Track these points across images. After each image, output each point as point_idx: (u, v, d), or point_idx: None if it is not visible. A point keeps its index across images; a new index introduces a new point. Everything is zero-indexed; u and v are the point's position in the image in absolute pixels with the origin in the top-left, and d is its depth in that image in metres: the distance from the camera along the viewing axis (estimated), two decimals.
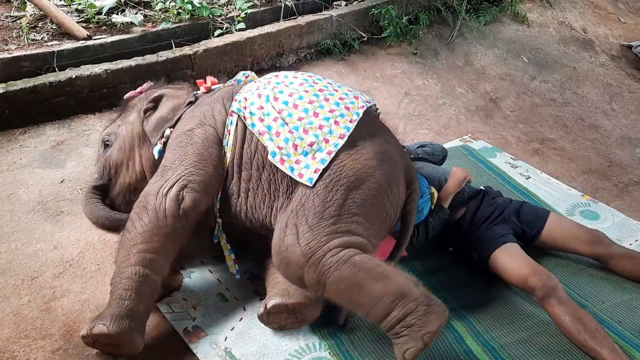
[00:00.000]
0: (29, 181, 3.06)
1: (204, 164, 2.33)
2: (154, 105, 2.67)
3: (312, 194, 2.18)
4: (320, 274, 2.05)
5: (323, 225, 2.11)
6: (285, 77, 2.49)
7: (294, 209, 2.18)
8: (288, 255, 2.10)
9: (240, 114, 2.37)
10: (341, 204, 2.16)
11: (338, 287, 2.05)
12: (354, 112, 2.35)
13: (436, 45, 5.10)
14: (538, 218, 2.79)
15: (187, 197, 2.27)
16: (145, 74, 3.77)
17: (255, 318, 2.38)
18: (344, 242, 2.09)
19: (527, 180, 3.62)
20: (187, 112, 2.55)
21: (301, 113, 2.31)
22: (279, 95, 2.36)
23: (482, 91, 4.71)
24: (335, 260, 2.03)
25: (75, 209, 2.90)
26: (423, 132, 4.05)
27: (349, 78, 4.48)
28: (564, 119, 4.49)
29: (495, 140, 4.06)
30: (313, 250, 2.06)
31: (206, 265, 2.69)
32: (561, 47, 5.50)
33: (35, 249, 2.66)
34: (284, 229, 2.15)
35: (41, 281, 2.50)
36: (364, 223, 2.19)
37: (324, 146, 2.25)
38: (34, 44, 3.88)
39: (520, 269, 2.50)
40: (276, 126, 2.30)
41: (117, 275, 2.17)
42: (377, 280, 2.01)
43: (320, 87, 2.42)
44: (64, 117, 3.55)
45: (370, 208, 2.22)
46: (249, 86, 2.49)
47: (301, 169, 2.23)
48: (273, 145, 2.28)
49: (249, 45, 4.23)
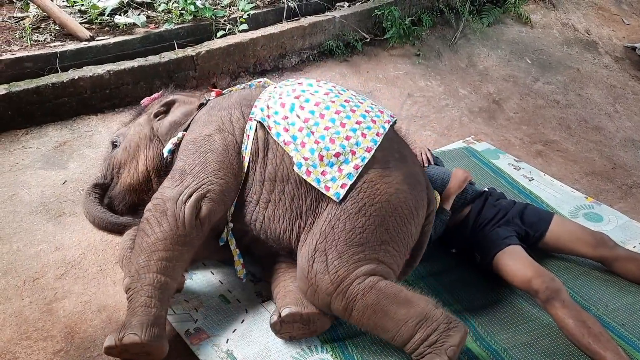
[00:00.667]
0: (31, 182, 3.06)
1: (225, 172, 2.29)
2: (166, 110, 2.66)
3: (343, 216, 2.18)
4: (347, 301, 2.09)
5: (352, 252, 2.13)
6: (310, 85, 2.46)
7: (324, 232, 2.17)
8: (317, 283, 2.12)
9: (265, 124, 2.34)
10: (372, 230, 2.17)
11: (364, 314, 2.09)
12: (380, 126, 2.34)
13: (439, 47, 5.09)
14: (542, 220, 2.78)
15: (204, 206, 2.23)
16: (147, 75, 3.78)
17: (258, 320, 2.38)
18: (370, 270, 2.12)
19: (530, 182, 3.60)
20: (202, 115, 2.50)
21: (328, 123, 2.29)
22: (305, 105, 2.34)
23: (485, 92, 4.70)
24: (362, 288, 2.08)
25: (77, 210, 2.90)
26: (426, 133, 4.04)
27: (351, 79, 4.47)
28: (567, 120, 4.47)
29: (499, 142, 4.04)
30: (341, 279, 2.09)
31: (208, 267, 2.68)
32: (564, 49, 5.48)
33: (37, 250, 2.65)
34: (312, 254, 2.15)
35: (43, 282, 2.50)
36: (392, 251, 2.21)
37: (351, 158, 2.24)
38: (36, 45, 3.89)
39: (523, 271, 2.48)
40: (302, 136, 2.27)
41: (137, 281, 2.12)
42: (401, 305, 2.08)
43: (346, 98, 2.40)
44: (66, 118, 3.55)
45: (398, 235, 2.23)
46: (270, 92, 2.45)
47: (327, 182, 2.22)
48: (299, 156, 2.25)
49: (251, 46, 4.23)
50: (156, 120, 2.65)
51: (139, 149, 2.60)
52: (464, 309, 2.53)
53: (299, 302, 2.21)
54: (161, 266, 2.14)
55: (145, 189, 2.59)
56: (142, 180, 2.58)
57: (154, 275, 2.12)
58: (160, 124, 2.62)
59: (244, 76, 4.26)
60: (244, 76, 4.26)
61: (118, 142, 2.70)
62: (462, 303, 2.57)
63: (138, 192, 2.60)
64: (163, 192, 2.27)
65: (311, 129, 2.28)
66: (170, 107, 2.69)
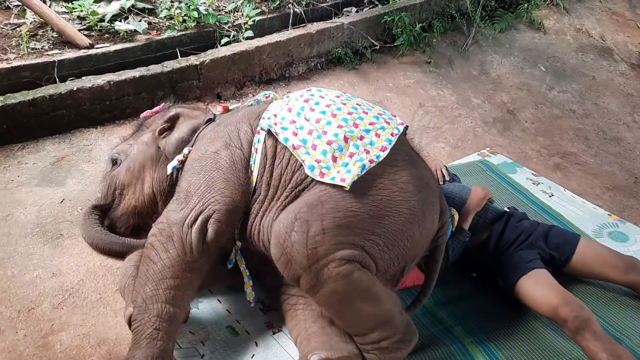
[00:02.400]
0: (27, 201, 2.89)
1: (232, 190, 2.16)
2: (170, 126, 2.53)
3: (337, 195, 2.02)
4: (317, 281, 1.95)
5: (337, 232, 1.96)
6: (319, 90, 2.37)
7: (310, 203, 2.01)
8: (292, 253, 1.94)
9: (272, 130, 2.22)
10: (365, 218, 2.01)
11: (329, 298, 1.98)
12: (395, 127, 2.24)
13: (450, 54, 4.93)
14: (567, 243, 2.62)
15: (211, 229, 2.09)
16: (149, 85, 3.62)
17: (269, 355, 2.23)
18: (350, 255, 1.96)
19: (550, 198, 3.44)
20: (209, 131, 2.39)
21: (340, 122, 2.18)
22: (315, 107, 2.24)
23: (498, 102, 4.54)
24: (335, 273, 1.93)
25: (75, 232, 2.73)
26: (439, 145, 3.88)
27: (360, 88, 4.31)
28: (585, 131, 4.31)
29: (515, 155, 3.88)
30: (318, 257, 1.93)
31: (215, 295, 2.52)
32: (579, 56, 5.32)
33: (33, 276, 2.49)
34: (292, 222, 1.97)
35: (38, 313, 2.33)
36: (381, 245, 2.03)
37: (365, 157, 2.12)
38: (34, 53, 3.74)
39: (549, 297, 2.32)
40: (312, 139, 2.15)
41: (143, 312, 1.99)
42: (368, 302, 1.98)
43: (357, 102, 2.32)
44: (64, 132, 3.39)
45: (394, 234, 2.06)
46: (277, 103, 2.36)
47: (342, 175, 2.07)
48: (310, 159, 2.12)
49: (257, 54, 4.07)
50: (161, 138, 2.51)
51: (144, 170, 2.47)
52: (487, 339, 2.38)
53: (326, 345, 2.05)
54: (170, 295, 2.01)
55: (151, 211, 2.45)
56: (148, 203, 2.45)
57: (162, 306, 1.99)
58: (167, 142, 2.48)
59: (250, 85, 4.10)
60: (249, 85, 4.10)
61: (119, 159, 2.56)
62: (485, 332, 2.41)
63: (143, 215, 2.47)
64: (168, 216, 2.13)
65: (323, 129, 2.16)
66: (174, 123, 2.54)
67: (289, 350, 2.27)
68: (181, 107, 2.63)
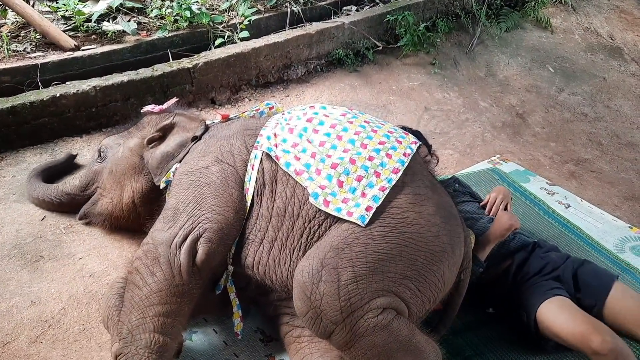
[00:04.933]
0: (5, 219, 2.66)
1: (224, 208, 1.98)
2: (161, 136, 2.42)
3: (364, 237, 1.82)
4: (352, 335, 1.73)
5: (371, 279, 1.76)
6: (323, 108, 2.19)
7: (336, 247, 1.80)
8: (323, 308, 1.73)
9: (272, 154, 2.03)
10: (397, 261, 1.81)
11: (366, 353, 1.76)
12: (407, 146, 2.04)
13: (455, 54, 4.71)
14: (601, 286, 2.26)
15: (201, 249, 1.91)
16: (139, 90, 3.39)
17: None
18: (386, 303, 1.76)
19: (566, 209, 3.24)
20: (199, 145, 2.26)
21: (347, 145, 1.99)
22: (320, 127, 2.06)
23: (507, 105, 4.33)
24: (373, 324, 1.73)
25: (57, 253, 2.51)
26: (447, 152, 3.67)
27: (362, 91, 4.09)
28: (598, 136, 4.11)
29: (527, 162, 3.67)
30: (354, 309, 1.72)
31: (210, 324, 2.30)
32: (588, 56, 5.13)
33: (9, 305, 2.26)
34: (318, 270, 1.76)
35: (14, 348, 2.10)
36: (414, 290, 1.83)
37: (375, 181, 1.91)
38: (15, 56, 3.51)
39: (576, 324, 2.05)
40: (315, 163, 1.96)
41: (130, 344, 1.80)
42: (409, 354, 1.77)
43: (365, 119, 2.12)
44: (46, 141, 3.15)
45: (426, 275, 1.86)
46: (277, 119, 2.17)
47: (350, 208, 1.87)
48: (314, 186, 1.93)
49: (254, 56, 3.84)
50: (148, 148, 2.41)
51: (125, 178, 2.42)
52: None
53: None
54: (158, 323, 1.84)
55: (129, 220, 2.47)
56: (126, 213, 2.43)
57: (150, 336, 1.82)
58: (152, 155, 2.38)
59: (246, 89, 3.87)
60: (245, 89, 3.87)
61: (105, 154, 2.56)
62: None
63: (120, 222, 2.49)
64: (154, 236, 1.96)
65: (327, 152, 1.97)
66: (167, 133, 2.43)
67: None
68: (181, 116, 2.50)
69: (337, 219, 1.90)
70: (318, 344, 2.04)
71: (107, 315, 2.02)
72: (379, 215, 1.86)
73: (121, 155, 2.46)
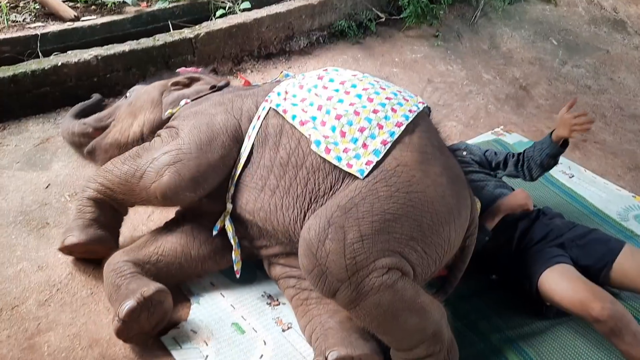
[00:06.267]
0: (9, 187, 2.65)
1: (210, 149, 2.07)
2: (187, 83, 2.57)
3: (371, 197, 1.82)
4: (358, 293, 1.73)
5: (376, 239, 1.76)
6: (335, 70, 2.21)
7: (343, 206, 1.80)
8: (328, 265, 1.73)
9: (279, 109, 2.07)
10: (403, 221, 1.80)
11: (371, 312, 1.77)
12: (414, 104, 2.03)
13: (459, 27, 4.67)
14: (609, 251, 2.24)
15: (166, 177, 2.04)
16: (140, 60, 3.37)
17: (279, 355, 2.03)
18: (392, 263, 1.76)
19: (570, 179, 3.24)
20: (215, 95, 2.34)
21: (353, 98, 2.00)
22: (329, 84, 2.08)
23: (510, 77, 4.31)
24: (378, 283, 1.72)
25: (62, 220, 2.51)
26: (450, 124, 3.65)
27: (365, 63, 4.06)
28: (601, 108, 4.10)
29: (530, 133, 3.66)
30: (359, 268, 1.72)
31: (217, 288, 2.30)
32: (592, 29, 5.09)
33: (17, 270, 2.26)
34: (324, 228, 1.76)
35: (23, 311, 2.10)
36: (420, 251, 1.83)
37: (377, 132, 1.91)
38: (14, 26, 3.49)
39: (575, 291, 2.05)
40: (321, 115, 1.99)
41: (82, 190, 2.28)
42: (414, 314, 1.78)
43: (375, 79, 2.14)
44: (48, 111, 3.13)
45: (432, 237, 1.85)
46: (290, 80, 2.21)
47: (350, 159, 1.89)
48: (317, 134, 1.95)
49: (255, 27, 3.80)
50: (171, 89, 2.54)
51: (141, 109, 2.49)
52: (517, 335, 2.19)
53: (346, 342, 1.86)
54: (101, 188, 2.21)
55: None
56: (131, 141, 2.45)
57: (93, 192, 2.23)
58: (170, 94, 2.51)
59: (248, 61, 3.84)
60: (247, 61, 3.84)
61: (131, 94, 2.64)
62: (514, 329, 2.22)
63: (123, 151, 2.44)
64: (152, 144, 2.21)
65: (334, 105, 1.99)
66: (192, 83, 2.58)
67: (301, 349, 2.07)
68: (210, 76, 2.70)
69: (342, 175, 1.90)
70: (326, 305, 2.05)
71: (109, 292, 2.05)
72: (385, 174, 1.86)
73: (144, 90, 2.57)
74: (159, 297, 1.97)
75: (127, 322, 1.88)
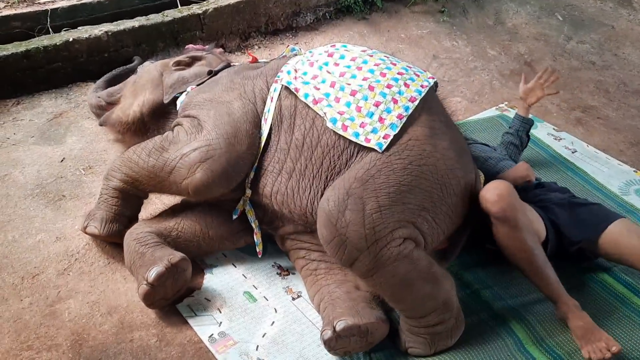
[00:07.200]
0: (25, 160, 2.72)
1: (237, 140, 2.08)
2: (189, 63, 2.61)
3: (386, 169, 1.88)
4: (376, 263, 1.81)
5: (394, 210, 1.83)
6: (344, 46, 2.24)
7: (360, 178, 1.87)
8: (348, 234, 1.79)
9: (291, 87, 2.09)
10: (416, 192, 1.88)
11: (388, 281, 1.86)
12: (424, 80, 2.08)
13: (464, 3, 4.67)
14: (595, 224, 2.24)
15: (199, 174, 2.04)
16: (150, 35, 3.40)
17: (289, 321, 2.12)
18: (408, 234, 1.84)
19: (573, 154, 3.30)
20: (224, 78, 2.34)
21: (366, 74, 2.04)
22: (340, 61, 2.11)
23: (515, 53, 4.33)
24: (395, 253, 1.80)
25: (78, 192, 2.58)
26: (455, 99, 3.69)
27: (371, 39, 4.09)
28: (605, 84, 4.12)
29: (534, 109, 3.63)
30: (378, 237, 1.79)
31: (229, 258, 2.39)
32: (597, 4, 5.07)
33: (36, 240, 2.34)
34: (345, 198, 1.81)
35: (43, 279, 2.19)
36: (431, 222, 1.91)
37: (393, 107, 1.96)
38: (24, 2, 3.52)
39: None
40: (335, 92, 2.02)
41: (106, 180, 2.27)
42: (428, 282, 1.87)
43: (385, 55, 2.18)
44: (61, 86, 3.18)
45: (441, 207, 1.93)
46: (298, 58, 2.23)
47: (367, 134, 1.94)
48: (333, 112, 1.99)
49: (263, 2, 3.83)
50: (172, 69, 2.58)
51: (142, 89, 2.55)
52: (519, 305, 2.26)
53: (353, 311, 1.93)
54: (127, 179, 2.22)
55: (136, 129, 2.55)
56: (132, 120, 2.52)
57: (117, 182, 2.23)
58: (170, 75, 2.56)
59: (255, 37, 3.87)
60: (255, 37, 3.87)
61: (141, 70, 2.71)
62: (516, 298, 2.30)
63: (126, 129, 2.57)
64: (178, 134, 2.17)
65: (347, 81, 2.03)
66: (193, 63, 2.62)
67: (310, 316, 2.16)
68: (212, 55, 2.73)
69: (357, 149, 1.96)
70: (334, 276, 2.14)
71: (131, 260, 2.12)
72: (398, 147, 1.92)
73: (147, 70, 2.63)
74: (183, 265, 2.05)
75: (155, 286, 1.97)
